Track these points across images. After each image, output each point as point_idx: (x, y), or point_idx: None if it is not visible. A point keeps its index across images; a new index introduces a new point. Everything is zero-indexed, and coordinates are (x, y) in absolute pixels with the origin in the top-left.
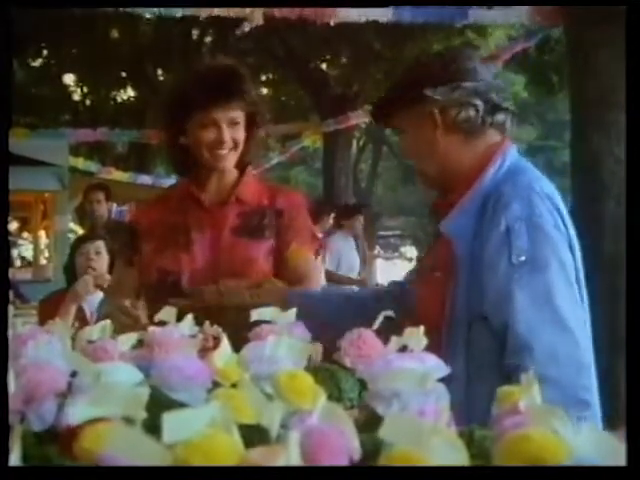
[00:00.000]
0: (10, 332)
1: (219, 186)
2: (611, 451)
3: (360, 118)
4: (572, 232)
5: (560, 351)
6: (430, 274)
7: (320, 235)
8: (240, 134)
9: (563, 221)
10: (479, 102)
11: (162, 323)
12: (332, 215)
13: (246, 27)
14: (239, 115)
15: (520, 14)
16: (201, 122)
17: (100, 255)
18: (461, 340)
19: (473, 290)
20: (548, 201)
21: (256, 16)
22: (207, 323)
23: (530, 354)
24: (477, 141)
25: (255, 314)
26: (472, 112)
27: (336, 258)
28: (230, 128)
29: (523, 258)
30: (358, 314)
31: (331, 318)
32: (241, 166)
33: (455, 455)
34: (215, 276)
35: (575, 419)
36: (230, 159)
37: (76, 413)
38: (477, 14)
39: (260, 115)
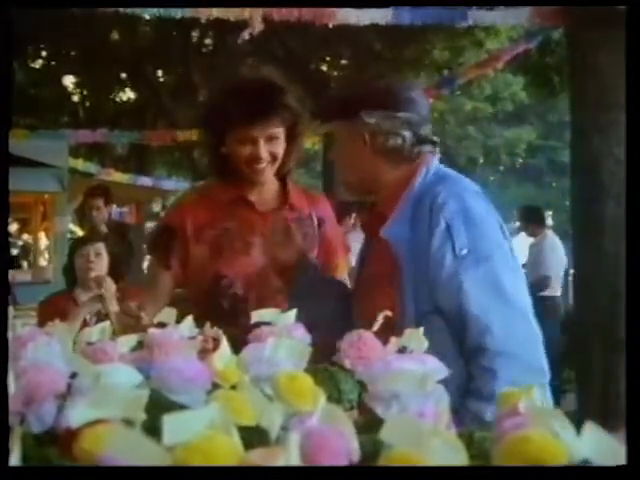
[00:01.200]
0: (10, 334)
1: (265, 194)
2: (611, 452)
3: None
4: (499, 216)
5: (516, 328)
6: (375, 277)
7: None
8: (279, 148)
9: (489, 208)
10: (407, 133)
11: (162, 325)
12: (353, 215)
13: (246, 35)
14: (278, 130)
15: (520, 16)
16: (238, 138)
17: (100, 257)
18: None
19: (418, 288)
20: (475, 194)
21: (256, 21)
22: (207, 324)
23: (489, 334)
24: (403, 163)
25: (255, 316)
26: (400, 141)
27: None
28: (268, 143)
29: (465, 251)
30: None
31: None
32: (280, 174)
33: (455, 456)
34: (268, 282)
35: (538, 387)
36: (268, 173)
37: (76, 415)
38: (476, 16)
39: (301, 125)
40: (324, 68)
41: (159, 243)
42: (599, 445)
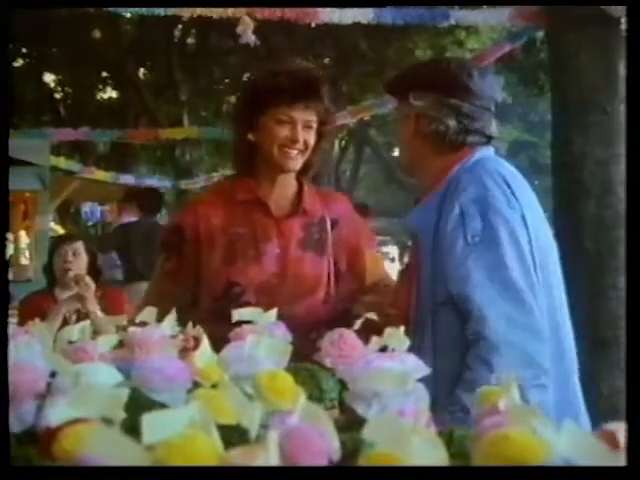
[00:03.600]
0: None
1: (282, 194)
2: (590, 451)
3: (343, 119)
4: (525, 208)
5: (517, 319)
6: (402, 271)
7: None
8: (312, 138)
9: (516, 198)
10: (452, 122)
11: (143, 324)
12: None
13: (243, 39)
14: (314, 119)
15: (502, 16)
16: (278, 118)
17: (78, 256)
18: (428, 326)
19: (437, 278)
20: (501, 181)
21: (246, 21)
22: (189, 324)
23: (489, 323)
24: (448, 152)
25: (236, 314)
26: (442, 128)
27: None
28: (304, 130)
29: (477, 238)
30: None
31: None
32: (301, 175)
33: (435, 455)
34: (281, 288)
35: (534, 386)
36: (298, 161)
37: (55, 414)
38: (458, 16)
39: (329, 127)
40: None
41: (170, 243)
42: (578, 444)
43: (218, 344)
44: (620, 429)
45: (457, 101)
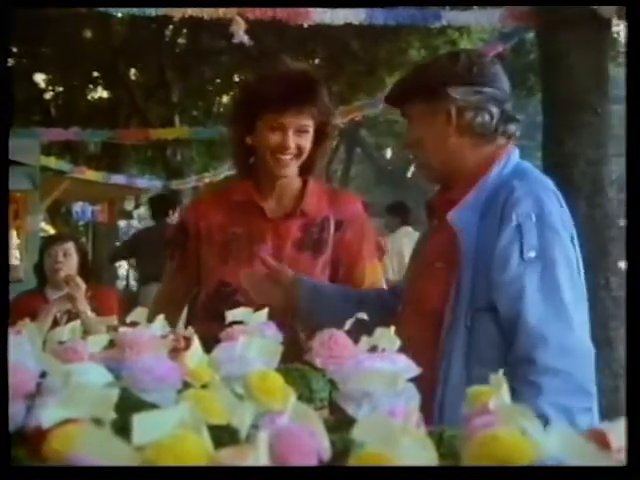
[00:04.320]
0: None
1: (282, 195)
2: (579, 451)
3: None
4: (573, 229)
5: (569, 345)
6: (432, 266)
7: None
8: (306, 142)
9: (568, 218)
10: (495, 110)
11: (134, 324)
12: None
13: (236, 39)
14: (309, 123)
15: (493, 17)
16: (270, 124)
17: (69, 256)
18: (462, 330)
19: (477, 282)
20: (555, 199)
21: (239, 21)
22: (180, 324)
23: (543, 346)
24: (486, 144)
25: (230, 315)
26: (487, 118)
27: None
28: (297, 135)
29: (533, 254)
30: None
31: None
32: (304, 175)
33: (424, 455)
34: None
35: (581, 410)
36: (292, 166)
37: (46, 415)
38: (450, 16)
39: (331, 126)
40: None
41: (174, 241)
42: (567, 444)
43: (210, 343)
44: (610, 429)
45: (492, 89)
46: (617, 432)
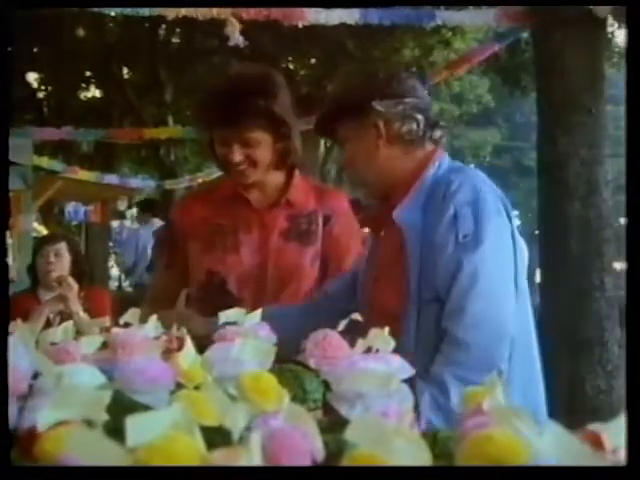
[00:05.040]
0: None
1: (265, 187)
2: (573, 452)
3: None
4: (514, 225)
5: (486, 320)
6: (387, 270)
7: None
8: (258, 153)
9: (507, 212)
10: (420, 116)
11: (127, 325)
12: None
13: (231, 41)
14: (256, 135)
15: (488, 16)
16: (218, 138)
17: (61, 257)
18: (412, 323)
19: (424, 275)
20: (492, 190)
21: (233, 23)
22: (174, 325)
23: (458, 319)
24: (416, 150)
25: (223, 317)
26: (414, 125)
27: None
28: (244, 148)
29: (468, 238)
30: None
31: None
32: (285, 168)
33: (418, 456)
34: (263, 280)
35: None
36: (250, 176)
37: (39, 418)
38: (445, 16)
39: (288, 129)
40: (292, 66)
41: (162, 239)
42: (562, 445)
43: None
44: (604, 430)
45: (413, 99)
46: (611, 433)
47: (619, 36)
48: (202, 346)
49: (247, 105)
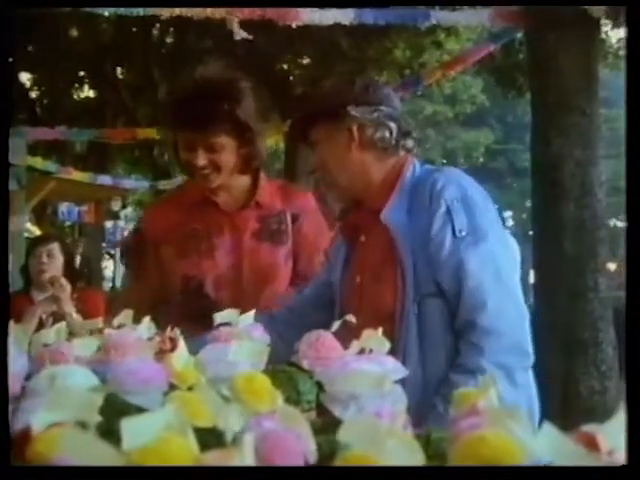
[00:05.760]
0: None
1: (232, 190)
2: (568, 453)
3: None
4: (495, 211)
5: (507, 307)
6: (378, 272)
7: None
8: (222, 158)
9: (485, 195)
10: (393, 125)
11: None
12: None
13: (236, 36)
14: (221, 140)
15: (482, 16)
16: (182, 143)
17: (54, 257)
18: (412, 319)
19: (419, 271)
20: (472, 182)
21: (232, 21)
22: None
23: (483, 309)
24: (389, 157)
25: (218, 318)
26: (387, 133)
27: None
28: (209, 153)
29: (464, 232)
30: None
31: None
32: (250, 171)
33: (411, 457)
34: (239, 281)
35: (519, 369)
36: (214, 180)
37: (32, 420)
38: (439, 16)
39: (252, 134)
40: (286, 66)
41: (129, 249)
42: (556, 446)
43: (193, 340)
44: (599, 431)
45: (388, 108)
46: (606, 434)
47: (613, 37)
48: (193, 342)
49: (212, 110)
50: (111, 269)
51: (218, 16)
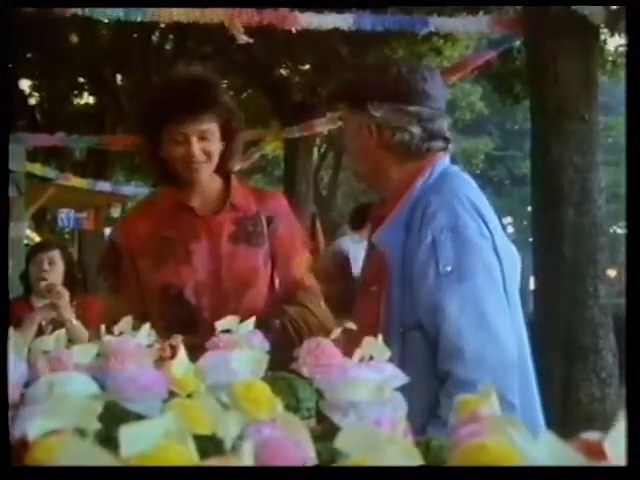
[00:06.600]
0: None
1: (206, 193)
2: (567, 461)
3: (323, 126)
4: (497, 238)
5: (488, 355)
6: (365, 287)
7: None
8: (212, 146)
9: (487, 227)
10: (416, 129)
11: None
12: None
13: (239, 40)
14: (211, 127)
15: (481, 23)
16: (172, 136)
17: (55, 265)
18: (396, 349)
19: (405, 300)
20: (472, 208)
21: (236, 25)
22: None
23: (460, 359)
24: (411, 160)
25: (219, 326)
26: (407, 137)
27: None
28: (201, 141)
29: (449, 268)
30: None
31: None
32: (223, 172)
33: (411, 464)
34: (219, 286)
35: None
36: (204, 171)
37: (30, 427)
38: (438, 22)
39: (235, 121)
40: (285, 73)
41: (104, 262)
42: (556, 453)
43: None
44: (601, 439)
45: (417, 107)
46: (610, 442)
47: (612, 43)
48: (195, 354)
49: (200, 94)
50: None
51: (217, 21)
